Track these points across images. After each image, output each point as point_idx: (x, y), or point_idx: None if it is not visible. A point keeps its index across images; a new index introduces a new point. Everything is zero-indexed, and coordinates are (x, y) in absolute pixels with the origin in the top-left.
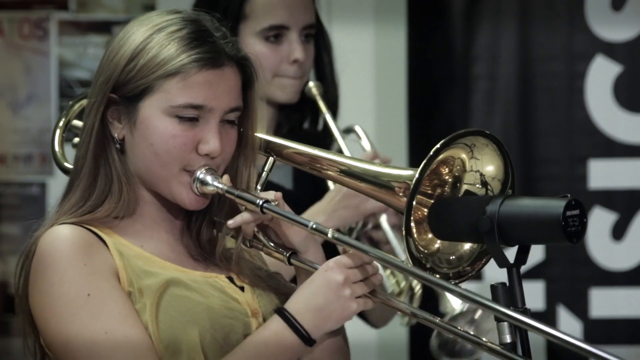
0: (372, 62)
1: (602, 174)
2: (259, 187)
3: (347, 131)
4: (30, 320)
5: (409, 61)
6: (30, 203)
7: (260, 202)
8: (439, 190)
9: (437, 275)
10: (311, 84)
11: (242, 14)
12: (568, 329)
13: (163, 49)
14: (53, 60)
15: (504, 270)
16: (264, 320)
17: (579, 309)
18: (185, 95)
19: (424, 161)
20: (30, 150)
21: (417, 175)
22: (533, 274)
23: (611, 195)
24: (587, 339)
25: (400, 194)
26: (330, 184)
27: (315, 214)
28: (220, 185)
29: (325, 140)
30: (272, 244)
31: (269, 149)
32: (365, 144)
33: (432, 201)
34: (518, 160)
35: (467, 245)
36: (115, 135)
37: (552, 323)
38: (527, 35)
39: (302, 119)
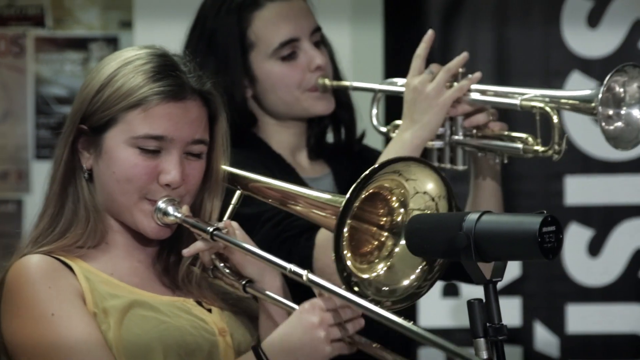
0: (348, 62)
1: (579, 190)
2: (225, 220)
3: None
4: (4, 346)
5: (385, 61)
6: (6, 220)
7: (211, 230)
8: (387, 218)
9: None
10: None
11: (248, 43)
12: (545, 344)
13: (127, 82)
14: (29, 77)
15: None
16: (232, 339)
17: (556, 324)
18: (146, 127)
19: (351, 188)
20: (6, 167)
21: (344, 202)
22: (510, 290)
23: (587, 211)
24: (564, 354)
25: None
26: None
27: (401, 133)
28: (178, 215)
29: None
30: (228, 272)
31: (236, 182)
32: None
33: (384, 232)
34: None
35: (405, 282)
36: (84, 165)
37: (529, 339)
38: (503, 52)
39: (324, 129)
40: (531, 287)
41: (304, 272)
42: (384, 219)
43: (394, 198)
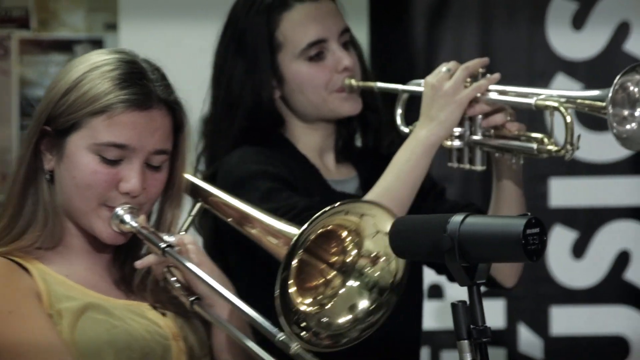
0: None
1: (563, 192)
2: (182, 231)
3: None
4: None
5: (371, 61)
6: None
7: (163, 246)
8: (339, 257)
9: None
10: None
11: (276, 45)
12: (529, 346)
13: (94, 87)
14: (14, 79)
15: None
16: (185, 344)
17: (540, 326)
18: (109, 134)
19: (307, 223)
20: None
21: (296, 236)
22: (494, 292)
23: (572, 213)
24: (548, 356)
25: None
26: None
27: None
28: (134, 225)
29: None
30: (178, 287)
31: (197, 194)
32: None
33: (334, 270)
34: (479, 177)
35: (342, 319)
36: (46, 166)
37: (513, 341)
38: (488, 54)
39: (353, 132)
40: (515, 289)
41: (293, 345)
42: (336, 257)
43: (350, 238)
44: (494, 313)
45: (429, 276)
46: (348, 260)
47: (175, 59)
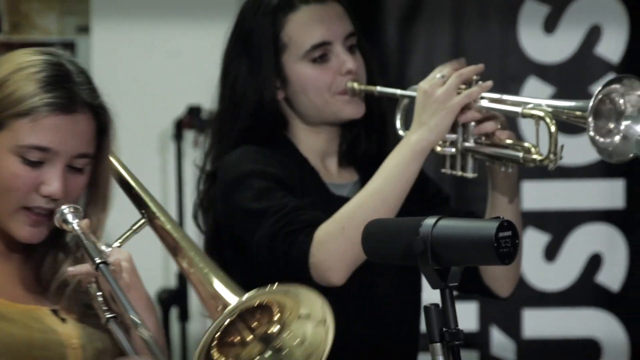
0: None
1: (535, 195)
2: (118, 243)
3: None
4: None
5: None
6: None
7: (98, 261)
8: (264, 328)
9: None
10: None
11: (281, 45)
12: (501, 349)
13: (19, 89)
14: None
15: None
16: (84, 352)
17: (512, 329)
18: (33, 137)
19: (244, 296)
20: None
21: (229, 309)
22: (466, 295)
23: (544, 216)
24: (520, 359)
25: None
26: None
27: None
28: (76, 228)
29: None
30: (100, 300)
31: (145, 211)
32: None
33: (255, 338)
34: (451, 180)
35: None
36: None
37: (486, 343)
38: (460, 57)
39: (357, 136)
40: None
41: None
42: (262, 327)
43: (279, 314)
44: (467, 316)
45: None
46: (269, 331)
47: (147, 61)
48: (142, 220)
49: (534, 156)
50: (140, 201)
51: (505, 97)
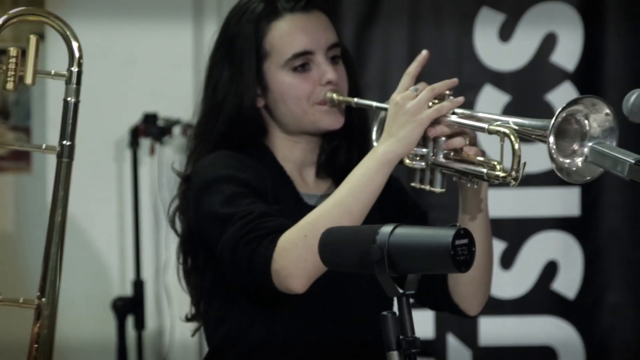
0: None
1: (490, 203)
2: None
3: None
4: None
5: None
6: None
7: None
8: None
9: None
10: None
11: (263, 53)
12: (458, 357)
13: None
14: None
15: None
16: None
17: (468, 337)
18: None
19: None
20: None
21: None
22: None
23: (500, 224)
24: None
25: None
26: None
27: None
28: None
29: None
30: None
31: None
32: None
33: None
34: (408, 188)
35: None
36: None
37: (442, 351)
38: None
39: (337, 148)
40: None
41: None
42: None
43: None
44: (423, 324)
45: None
46: None
47: (103, 68)
48: None
49: (498, 173)
50: None
51: (474, 113)
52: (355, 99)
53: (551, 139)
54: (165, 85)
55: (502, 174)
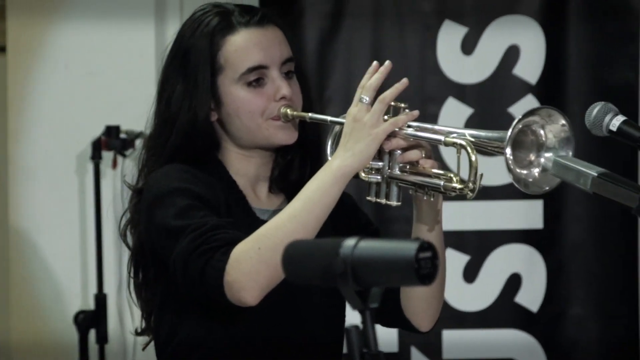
0: None
1: (454, 216)
2: None
3: None
4: None
5: None
6: None
7: None
8: None
9: None
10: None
11: (218, 67)
12: None
13: None
14: None
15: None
16: None
17: (432, 350)
18: None
19: None
20: None
21: None
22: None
23: (463, 237)
24: None
25: None
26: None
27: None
28: None
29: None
30: None
31: None
32: None
33: None
34: (364, 203)
35: None
36: None
37: None
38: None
39: (291, 163)
40: None
41: None
42: None
43: None
44: (387, 337)
45: None
46: None
47: (64, 81)
48: None
49: (454, 185)
50: None
51: (430, 125)
52: (310, 114)
53: (508, 150)
54: (128, 97)
55: (459, 186)
